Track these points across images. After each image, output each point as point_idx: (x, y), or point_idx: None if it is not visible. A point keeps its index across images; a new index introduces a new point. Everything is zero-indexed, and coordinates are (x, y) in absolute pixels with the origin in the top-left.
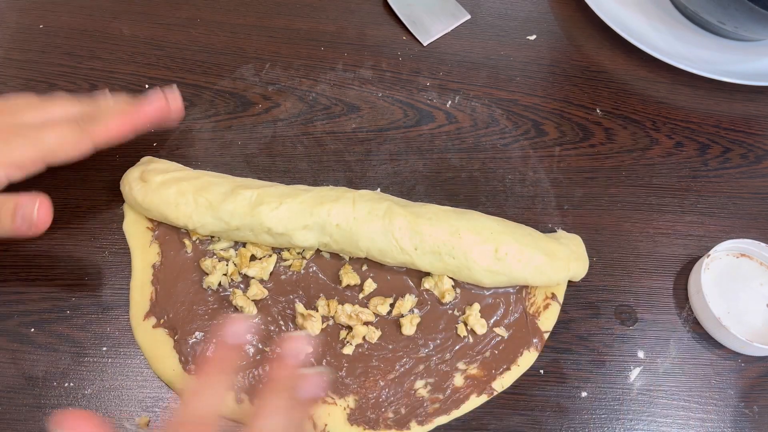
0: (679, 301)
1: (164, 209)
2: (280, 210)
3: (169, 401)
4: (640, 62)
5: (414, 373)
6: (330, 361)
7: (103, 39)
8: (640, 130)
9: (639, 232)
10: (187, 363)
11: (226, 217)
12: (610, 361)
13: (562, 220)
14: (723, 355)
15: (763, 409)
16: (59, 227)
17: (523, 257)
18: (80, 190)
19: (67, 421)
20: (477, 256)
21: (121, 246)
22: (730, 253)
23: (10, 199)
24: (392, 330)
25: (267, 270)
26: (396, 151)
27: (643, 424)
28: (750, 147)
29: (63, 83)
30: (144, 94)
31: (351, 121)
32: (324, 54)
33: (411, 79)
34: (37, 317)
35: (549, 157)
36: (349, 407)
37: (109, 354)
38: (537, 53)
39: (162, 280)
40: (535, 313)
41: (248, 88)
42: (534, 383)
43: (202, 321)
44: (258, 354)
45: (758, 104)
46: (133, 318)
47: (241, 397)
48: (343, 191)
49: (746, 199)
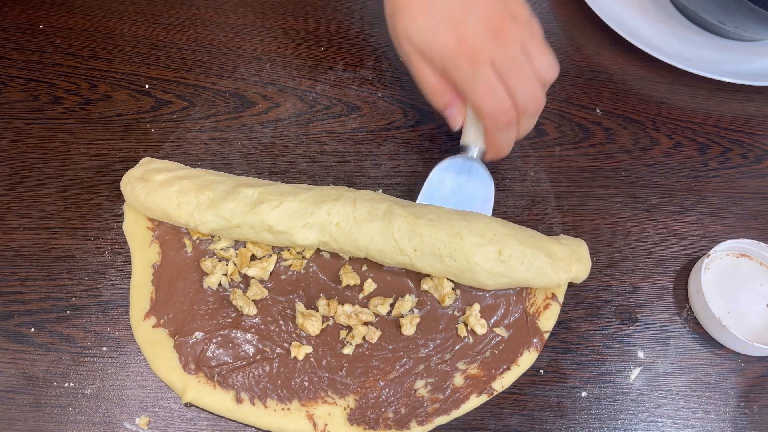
0: (679, 301)
1: (166, 207)
2: (281, 208)
3: (169, 401)
4: (640, 62)
5: (414, 373)
6: (330, 361)
7: (103, 39)
8: (640, 130)
9: (639, 232)
10: (187, 363)
11: (227, 215)
12: (610, 361)
13: (562, 220)
14: (723, 355)
15: (763, 409)
16: (59, 227)
17: (526, 259)
18: (80, 190)
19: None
20: (480, 259)
21: (121, 246)
22: (730, 253)
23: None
24: (392, 330)
25: (267, 270)
26: (396, 151)
27: (643, 424)
28: (750, 147)
29: (63, 83)
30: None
31: (351, 121)
32: (324, 54)
33: (411, 79)
34: (37, 317)
35: (549, 157)
36: (349, 407)
37: (109, 354)
38: None
39: (162, 280)
40: (535, 313)
41: (248, 88)
42: (534, 383)
43: (202, 321)
44: (258, 354)
45: (758, 104)
46: (133, 318)
47: (242, 397)
48: (344, 190)
49: (746, 199)
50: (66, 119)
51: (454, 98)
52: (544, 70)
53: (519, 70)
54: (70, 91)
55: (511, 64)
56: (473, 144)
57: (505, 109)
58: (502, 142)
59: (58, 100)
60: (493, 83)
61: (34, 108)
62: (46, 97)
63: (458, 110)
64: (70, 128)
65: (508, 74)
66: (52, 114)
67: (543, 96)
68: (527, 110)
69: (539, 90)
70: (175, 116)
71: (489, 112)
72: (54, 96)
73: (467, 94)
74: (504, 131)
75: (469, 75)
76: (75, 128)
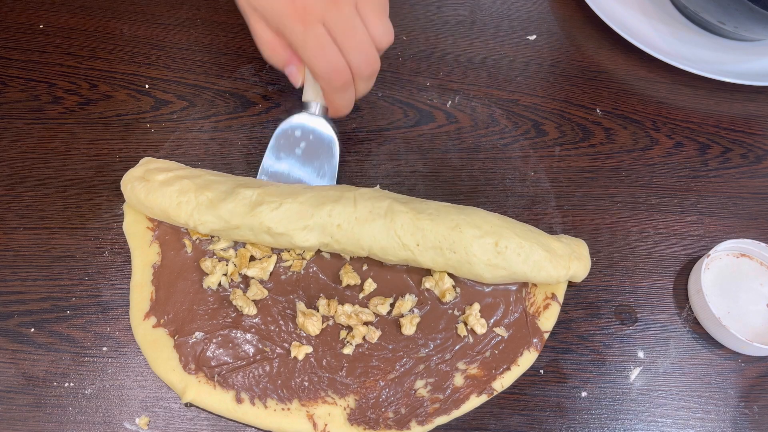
0: (679, 301)
1: (166, 207)
2: (280, 210)
3: (169, 401)
4: (640, 62)
5: (414, 373)
6: (330, 361)
7: (103, 39)
8: (640, 130)
9: (639, 232)
10: (187, 363)
11: (226, 216)
12: (610, 361)
13: (562, 220)
14: (723, 355)
15: (763, 409)
16: (59, 227)
17: (523, 251)
18: (80, 190)
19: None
20: (477, 250)
21: (121, 246)
22: (730, 253)
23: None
24: (392, 330)
25: (267, 270)
26: (396, 151)
27: (643, 424)
28: (750, 147)
29: (63, 83)
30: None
31: (351, 121)
32: None
33: (411, 79)
34: (37, 317)
35: (549, 157)
36: (349, 407)
37: (109, 354)
38: (537, 53)
39: (162, 280)
40: (535, 313)
41: (248, 88)
42: (534, 383)
43: (202, 321)
44: (258, 354)
45: (758, 104)
46: (133, 318)
47: (242, 397)
48: (344, 190)
49: (746, 199)
50: (66, 119)
51: (292, 56)
52: (378, 36)
53: (352, 31)
54: (70, 91)
55: (344, 26)
56: (313, 101)
57: (339, 69)
58: (340, 102)
59: (58, 100)
60: (325, 43)
61: (34, 108)
62: (46, 97)
63: (297, 68)
64: (70, 128)
65: (341, 35)
66: (52, 114)
67: (377, 59)
68: (361, 72)
69: (373, 53)
70: (175, 116)
71: (322, 72)
72: (54, 96)
73: (300, 54)
74: (340, 92)
75: (300, 34)
76: (75, 128)
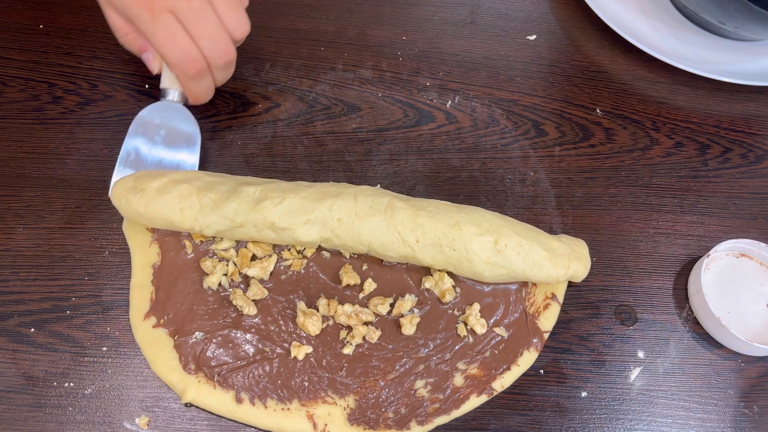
0: (679, 301)
1: (169, 215)
2: (283, 204)
3: (169, 401)
4: (640, 62)
5: (414, 373)
6: (330, 361)
7: (103, 39)
8: (640, 130)
9: (639, 232)
10: (187, 363)
11: (230, 215)
12: (610, 361)
13: (562, 220)
14: (723, 355)
15: (763, 409)
16: (59, 227)
17: (522, 250)
18: (80, 190)
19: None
20: (477, 248)
21: (121, 246)
22: (730, 253)
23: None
24: (392, 330)
25: (267, 270)
26: (396, 151)
27: (643, 424)
28: (750, 147)
29: (63, 83)
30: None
31: (351, 121)
32: (324, 54)
33: (411, 79)
34: (37, 317)
35: (549, 157)
36: (349, 407)
37: (109, 354)
38: (537, 53)
39: (162, 280)
40: (535, 313)
41: (248, 88)
42: (534, 383)
43: (202, 321)
44: (258, 354)
45: (758, 104)
46: (133, 318)
47: (242, 397)
48: (344, 187)
49: (746, 199)
50: (66, 119)
51: (146, 43)
52: (231, 26)
53: (203, 20)
54: (70, 91)
55: (194, 15)
56: (170, 88)
57: (192, 58)
58: (197, 90)
59: (57, 100)
60: (176, 32)
61: (34, 108)
62: (46, 97)
63: (153, 55)
64: (70, 128)
65: (191, 24)
66: (52, 114)
67: (231, 49)
68: (215, 62)
69: (227, 42)
70: None
71: (173, 60)
72: (54, 96)
73: (151, 42)
74: (195, 80)
75: (149, 23)
76: (75, 128)
